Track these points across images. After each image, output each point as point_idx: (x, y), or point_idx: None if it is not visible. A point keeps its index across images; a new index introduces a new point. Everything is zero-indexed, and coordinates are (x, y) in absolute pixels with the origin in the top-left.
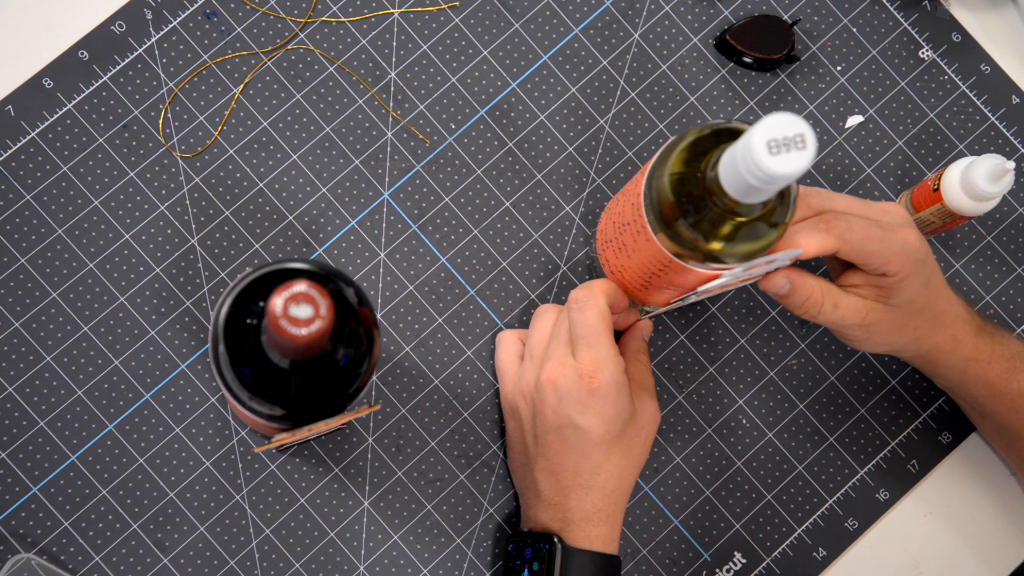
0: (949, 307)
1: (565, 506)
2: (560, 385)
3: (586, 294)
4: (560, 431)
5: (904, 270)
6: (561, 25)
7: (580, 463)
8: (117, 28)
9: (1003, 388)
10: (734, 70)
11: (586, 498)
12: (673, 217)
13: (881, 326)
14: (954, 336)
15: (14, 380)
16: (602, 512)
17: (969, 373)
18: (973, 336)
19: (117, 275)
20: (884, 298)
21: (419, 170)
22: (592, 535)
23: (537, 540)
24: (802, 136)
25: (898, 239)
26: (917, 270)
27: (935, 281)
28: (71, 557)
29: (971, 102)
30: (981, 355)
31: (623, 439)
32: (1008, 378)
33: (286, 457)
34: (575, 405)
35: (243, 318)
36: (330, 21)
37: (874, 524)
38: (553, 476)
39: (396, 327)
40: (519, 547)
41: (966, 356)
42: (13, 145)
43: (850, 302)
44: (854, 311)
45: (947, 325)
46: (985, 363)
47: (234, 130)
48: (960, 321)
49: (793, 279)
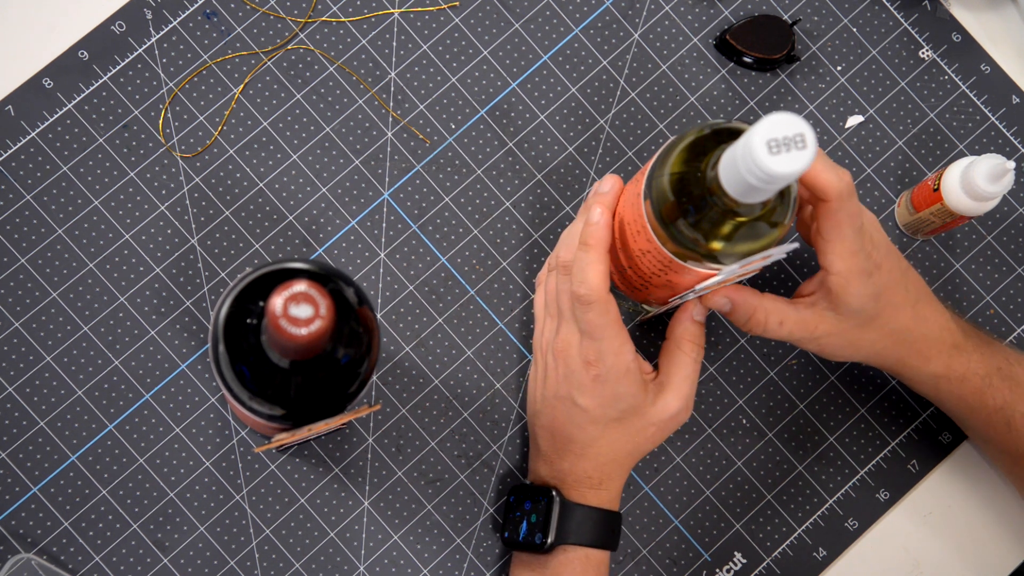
0: (915, 325)
1: (559, 467)
2: (568, 361)
3: (586, 290)
4: (562, 400)
5: (848, 271)
6: (561, 25)
7: (575, 433)
8: (117, 28)
9: (978, 405)
10: (734, 70)
11: (577, 463)
12: (673, 217)
13: (832, 339)
14: (921, 353)
15: (14, 380)
16: (593, 479)
17: (942, 390)
18: (945, 355)
19: (117, 275)
20: (833, 306)
21: (419, 170)
22: (586, 495)
23: (536, 493)
24: (802, 136)
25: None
26: (861, 279)
27: (889, 296)
28: (71, 557)
29: (971, 102)
30: (953, 374)
31: (623, 423)
32: (983, 396)
33: (286, 457)
34: (576, 385)
35: (243, 318)
36: (330, 21)
37: (874, 524)
38: (551, 436)
39: (396, 327)
40: (520, 499)
41: (935, 373)
42: (13, 145)
43: (798, 317)
44: (801, 326)
45: (912, 343)
46: (958, 381)
47: (234, 130)
48: (929, 340)
49: (733, 298)
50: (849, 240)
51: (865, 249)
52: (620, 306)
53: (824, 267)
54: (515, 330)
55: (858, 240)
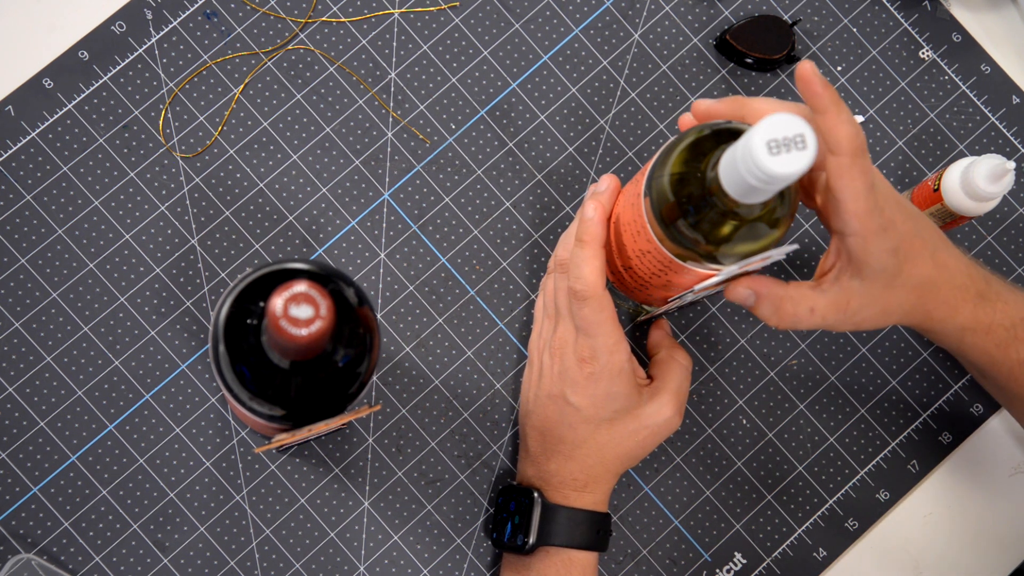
0: (938, 273)
1: (546, 468)
2: (563, 359)
3: (582, 286)
4: (555, 399)
5: (865, 230)
6: (561, 25)
7: (565, 433)
8: (117, 28)
9: (1002, 357)
10: (734, 70)
11: (564, 465)
12: (673, 217)
13: (865, 311)
14: (947, 303)
15: (14, 380)
16: (579, 480)
17: (967, 342)
18: (971, 304)
19: (117, 275)
20: (856, 271)
21: (419, 170)
22: (569, 496)
23: (520, 495)
24: (802, 136)
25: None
26: (878, 236)
27: (907, 249)
28: (71, 557)
29: (971, 102)
30: (979, 324)
31: (615, 424)
32: (1007, 347)
33: (286, 457)
34: (571, 383)
35: (243, 318)
36: (330, 21)
37: (874, 524)
38: (541, 436)
39: (396, 327)
40: (506, 500)
41: (962, 325)
42: (13, 145)
43: (827, 300)
44: (834, 308)
45: (937, 293)
46: (984, 333)
47: (234, 130)
48: (954, 288)
49: (758, 289)
50: (863, 198)
51: (879, 205)
52: (619, 307)
53: (839, 230)
54: (515, 330)
55: (872, 198)
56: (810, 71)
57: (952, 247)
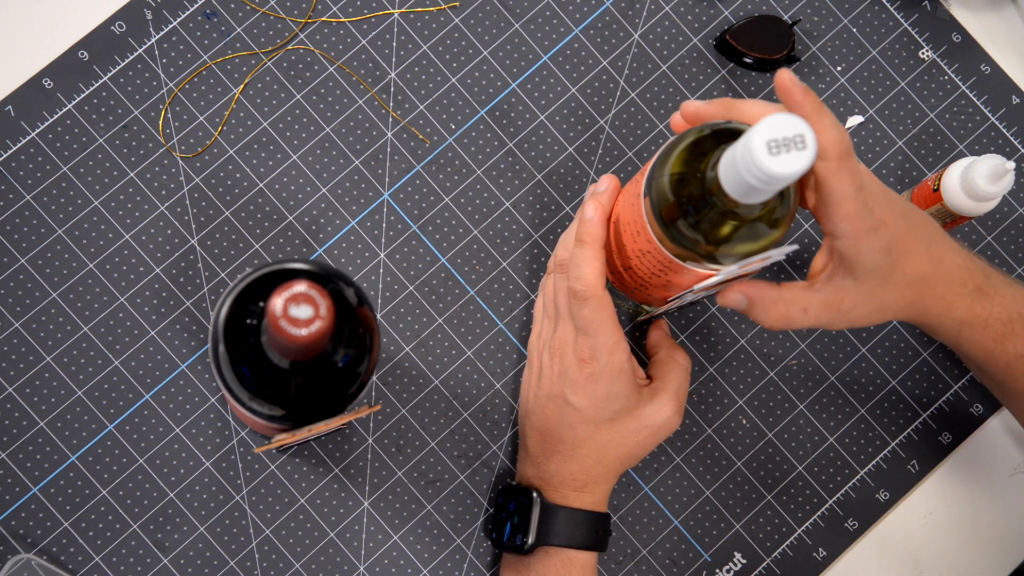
0: (933, 268)
1: (545, 468)
2: (563, 359)
3: (582, 286)
4: (555, 400)
5: (856, 232)
6: (561, 25)
7: (565, 433)
8: (117, 28)
9: (998, 352)
10: (734, 70)
11: (564, 465)
12: (673, 218)
13: (859, 309)
14: (944, 298)
15: (14, 380)
16: (578, 480)
17: (964, 337)
18: (968, 298)
19: (117, 275)
20: (849, 272)
21: (419, 170)
22: (569, 496)
23: (519, 495)
24: (802, 136)
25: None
26: (869, 235)
27: (900, 245)
28: (71, 557)
29: (971, 102)
30: (976, 319)
31: (615, 424)
32: (1004, 342)
33: (286, 457)
34: (571, 383)
35: (243, 318)
36: (330, 21)
37: (874, 524)
38: (541, 437)
39: (396, 327)
40: (505, 500)
41: (959, 320)
42: (13, 145)
43: (820, 299)
44: (827, 307)
45: (933, 288)
46: (981, 327)
47: (234, 130)
48: (951, 283)
49: (750, 294)
50: (852, 200)
51: (868, 206)
52: (619, 307)
53: (830, 232)
54: (515, 330)
55: (860, 199)
56: (788, 80)
57: (950, 241)
